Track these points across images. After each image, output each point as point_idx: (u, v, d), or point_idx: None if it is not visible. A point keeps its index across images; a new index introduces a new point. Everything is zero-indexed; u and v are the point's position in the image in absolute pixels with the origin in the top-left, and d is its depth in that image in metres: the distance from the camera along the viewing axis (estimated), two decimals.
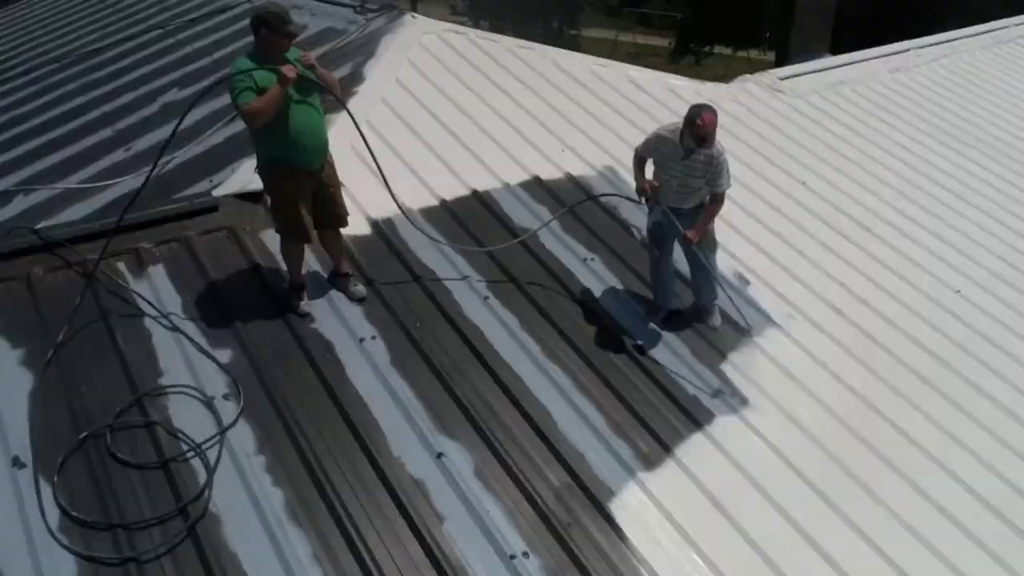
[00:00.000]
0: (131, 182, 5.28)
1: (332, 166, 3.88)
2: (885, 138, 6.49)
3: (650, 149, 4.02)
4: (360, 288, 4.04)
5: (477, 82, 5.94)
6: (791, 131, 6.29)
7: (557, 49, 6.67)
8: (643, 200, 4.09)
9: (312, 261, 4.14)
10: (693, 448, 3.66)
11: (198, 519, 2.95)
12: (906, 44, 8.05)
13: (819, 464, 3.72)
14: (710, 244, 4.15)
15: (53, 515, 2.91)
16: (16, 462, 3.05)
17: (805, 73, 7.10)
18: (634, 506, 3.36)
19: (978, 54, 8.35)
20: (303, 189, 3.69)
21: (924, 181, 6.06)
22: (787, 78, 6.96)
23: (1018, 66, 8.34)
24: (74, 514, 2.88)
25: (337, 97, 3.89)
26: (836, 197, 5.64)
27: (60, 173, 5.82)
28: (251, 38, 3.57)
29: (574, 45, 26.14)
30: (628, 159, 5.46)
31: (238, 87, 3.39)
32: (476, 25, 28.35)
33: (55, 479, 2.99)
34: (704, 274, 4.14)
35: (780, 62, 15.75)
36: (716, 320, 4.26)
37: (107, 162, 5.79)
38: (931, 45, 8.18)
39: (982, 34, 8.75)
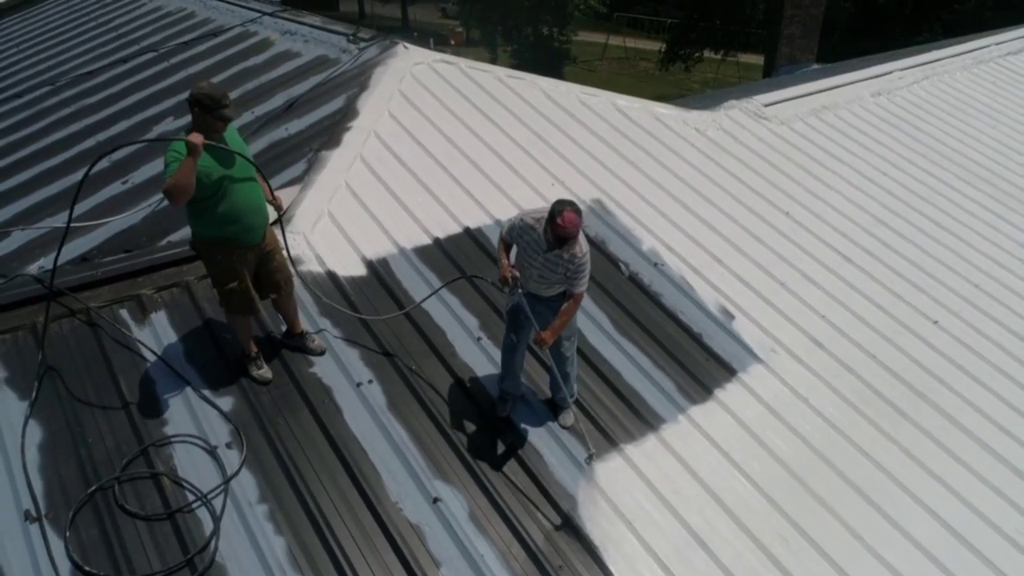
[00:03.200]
0: (130, 218, 5.41)
1: (271, 231, 3.81)
2: (866, 164, 6.66)
3: (514, 236, 3.70)
4: (319, 343, 4.08)
5: (468, 114, 6.07)
6: (775, 159, 6.44)
7: (546, 79, 6.79)
8: (506, 288, 3.74)
9: (311, 307, 4.27)
10: (677, 487, 3.81)
11: (205, 570, 3.09)
12: (888, 67, 8.22)
13: (798, 499, 3.89)
14: (570, 337, 3.86)
15: (65, 568, 3.03)
16: (28, 516, 3.17)
17: (789, 99, 7.25)
18: (624, 547, 3.51)
19: (959, 75, 8.53)
20: (248, 263, 3.65)
21: (902, 207, 6.24)
22: (771, 104, 7.11)
23: (997, 87, 8.53)
24: (87, 569, 3.01)
25: (275, 203, 3.80)
26: (817, 226, 5.80)
27: (57, 205, 5.91)
28: (240, 66, 3.41)
29: (565, 49, 26.23)
30: (616, 192, 5.66)
31: (170, 163, 3.26)
32: (466, 28, 28.38)
33: (67, 533, 3.11)
34: (560, 372, 3.86)
35: (768, 72, 15.98)
36: (568, 419, 3.96)
37: (104, 195, 5.88)
38: (913, 67, 8.36)
39: (963, 54, 8.93)
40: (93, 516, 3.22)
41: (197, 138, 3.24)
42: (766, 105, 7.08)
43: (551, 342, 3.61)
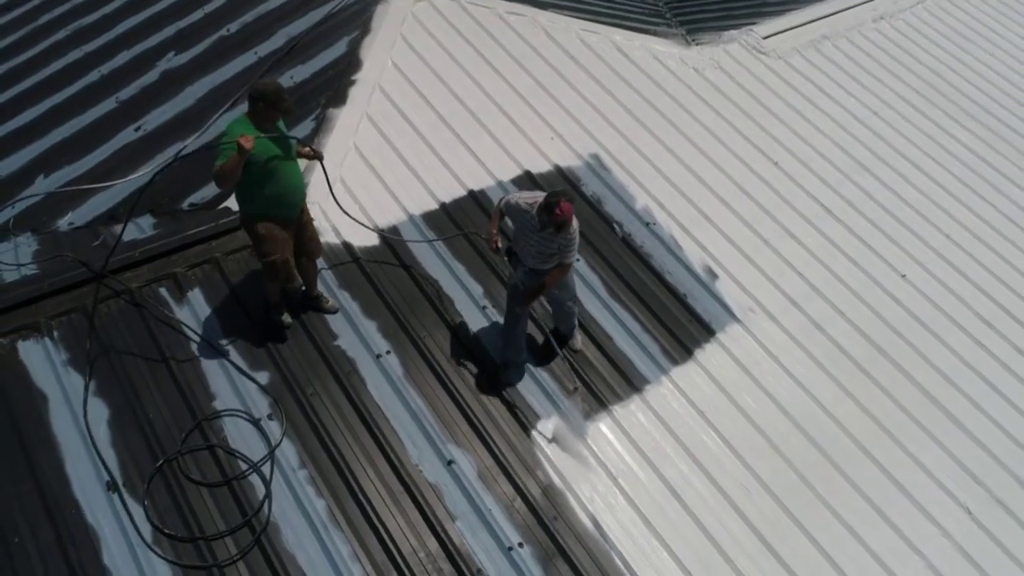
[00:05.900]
0: (149, 174, 5.65)
1: (305, 205, 4.23)
2: (857, 103, 6.80)
3: (511, 212, 4.20)
4: (333, 303, 4.59)
5: (469, 60, 6.14)
6: (769, 101, 6.58)
7: (545, 13, 6.76)
8: (498, 257, 4.33)
9: (330, 279, 4.69)
10: (657, 444, 4.42)
11: (263, 530, 3.73)
12: None
13: (761, 453, 4.50)
14: (571, 293, 4.47)
15: (147, 530, 3.67)
16: (110, 486, 3.76)
17: (789, 29, 7.24)
18: (609, 499, 4.16)
19: None
20: (288, 236, 4.11)
21: (886, 151, 6.47)
22: (771, 36, 7.11)
23: (1004, 4, 8.42)
24: (166, 531, 3.64)
25: (315, 153, 4.26)
26: (803, 176, 6.07)
27: (73, 152, 6.09)
28: None
29: None
30: (612, 145, 5.91)
31: (223, 149, 3.67)
32: None
33: (145, 501, 3.72)
34: (564, 311, 4.52)
35: None
36: (577, 342, 4.65)
37: (119, 142, 6.07)
38: None
39: None
40: (163, 485, 3.82)
41: (248, 142, 3.61)
42: (765, 37, 7.09)
43: (530, 304, 4.23)
